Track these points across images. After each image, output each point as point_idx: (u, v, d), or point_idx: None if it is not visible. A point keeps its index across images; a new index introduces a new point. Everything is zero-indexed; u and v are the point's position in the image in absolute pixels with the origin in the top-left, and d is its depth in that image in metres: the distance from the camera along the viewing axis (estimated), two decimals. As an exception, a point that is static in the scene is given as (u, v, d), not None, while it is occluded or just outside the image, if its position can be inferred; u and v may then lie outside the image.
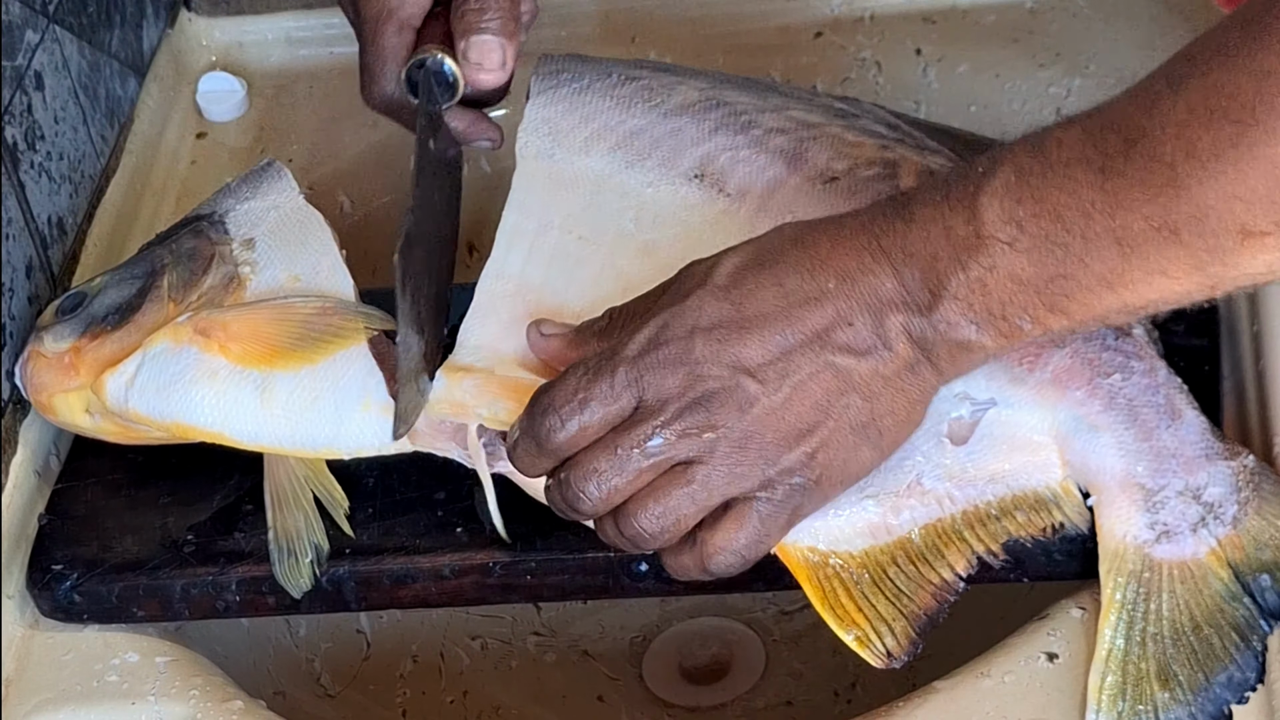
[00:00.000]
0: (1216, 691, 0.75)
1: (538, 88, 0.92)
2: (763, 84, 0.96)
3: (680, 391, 0.73)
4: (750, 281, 0.74)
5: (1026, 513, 0.80)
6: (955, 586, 0.79)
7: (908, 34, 1.16)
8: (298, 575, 0.83)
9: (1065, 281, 0.69)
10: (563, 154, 0.91)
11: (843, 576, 0.78)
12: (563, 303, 0.85)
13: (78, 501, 0.90)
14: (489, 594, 0.84)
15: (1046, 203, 0.68)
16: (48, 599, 0.85)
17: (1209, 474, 0.78)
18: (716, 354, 0.73)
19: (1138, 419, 0.80)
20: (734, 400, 0.73)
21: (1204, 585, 0.77)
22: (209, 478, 0.88)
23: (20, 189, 0.94)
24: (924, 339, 0.73)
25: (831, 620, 0.78)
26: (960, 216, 0.70)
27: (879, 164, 0.89)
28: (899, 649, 0.77)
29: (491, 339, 0.84)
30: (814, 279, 0.73)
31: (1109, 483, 0.79)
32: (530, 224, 0.88)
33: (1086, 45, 1.13)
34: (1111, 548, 0.78)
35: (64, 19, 1.02)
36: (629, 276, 0.85)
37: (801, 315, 0.73)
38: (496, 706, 1.05)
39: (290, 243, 0.91)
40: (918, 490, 0.80)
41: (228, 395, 0.84)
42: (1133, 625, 0.76)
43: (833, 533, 0.79)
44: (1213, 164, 0.65)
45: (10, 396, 0.90)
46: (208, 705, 0.82)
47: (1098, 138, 0.68)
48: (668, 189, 0.89)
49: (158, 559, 0.85)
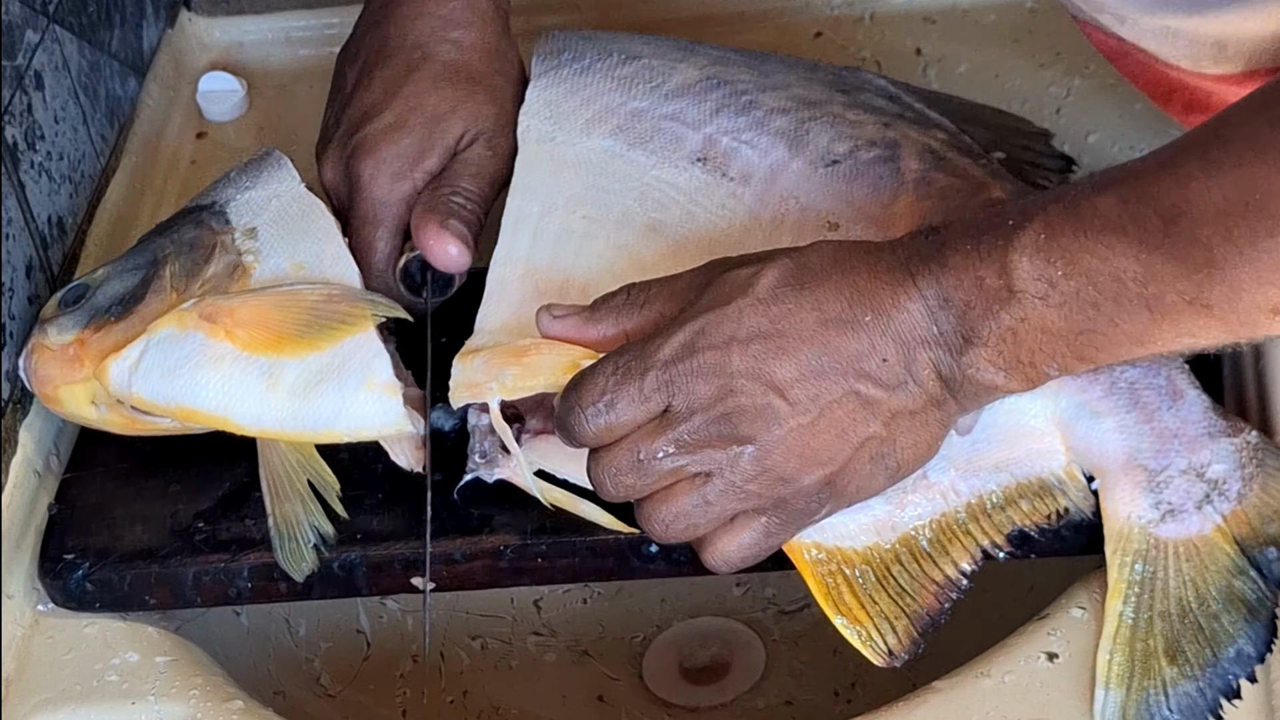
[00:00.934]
0: (1225, 666, 0.75)
1: (539, 68, 0.93)
2: (764, 58, 0.96)
3: (711, 402, 0.73)
4: (790, 300, 0.74)
5: (1031, 500, 0.80)
6: (958, 584, 0.79)
7: (908, 34, 1.16)
8: (300, 559, 0.83)
9: (1095, 335, 0.71)
10: (565, 136, 0.91)
11: (847, 573, 0.78)
12: (569, 279, 0.85)
13: (87, 491, 0.90)
14: (500, 578, 0.84)
15: (1079, 265, 0.70)
16: (60, 589, 0.86)
17: (1212, 451, 0.79)
18: (752, 369, 0.73)
19: (1139, 401, 0.80)
20: (762, 418, 0.73)
21: (1210, 561, 0.77)
22: (218, 465, 0.88)
23: (20, 189, 0.94)
24: (952, 377, 0.73)
25: (834, 616, 0.78)
26: (991, 269, 0.71)
27: (880, 144, 0.89)
28: (900, 647, 0.77)
29: (505, 323, 0.84)
30: (852, 308, 0.73)
31: (1112, 466, 0.80)
32: (534, 207, 0.88)
33: (1086, 45, 1.12)
34: (1117, 529, 0.79)
35: (64, 19, 1.02)
36: (636, 252, 0.86)
37: (837, 343, 0.73)
38: (496, 706, 1.05)
39: (293, 230, 0.91)
40: (923, 483, 0.80)
41: (234, 380, 0.84)
42: (1140, 604, 0.77)
43: (838, 529, 0.79)
44: (1249, 251, 0.66)
45: (10, 396, 0.90)
46: (208, 705, 0.82)
47: (1135, 211, 0.69)
48: (671, 172, 0.89)
49: (169, 547, 0.85)
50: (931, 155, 0.90)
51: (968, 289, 0.72)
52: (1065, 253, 0.70)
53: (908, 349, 0.73)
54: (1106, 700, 0.76)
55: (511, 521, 0.83)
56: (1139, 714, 0.75)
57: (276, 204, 0.92)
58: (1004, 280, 0.71)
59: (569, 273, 0.86)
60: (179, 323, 0.86)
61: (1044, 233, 0.70)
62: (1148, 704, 0.75)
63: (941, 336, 0.73)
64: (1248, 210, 0.66)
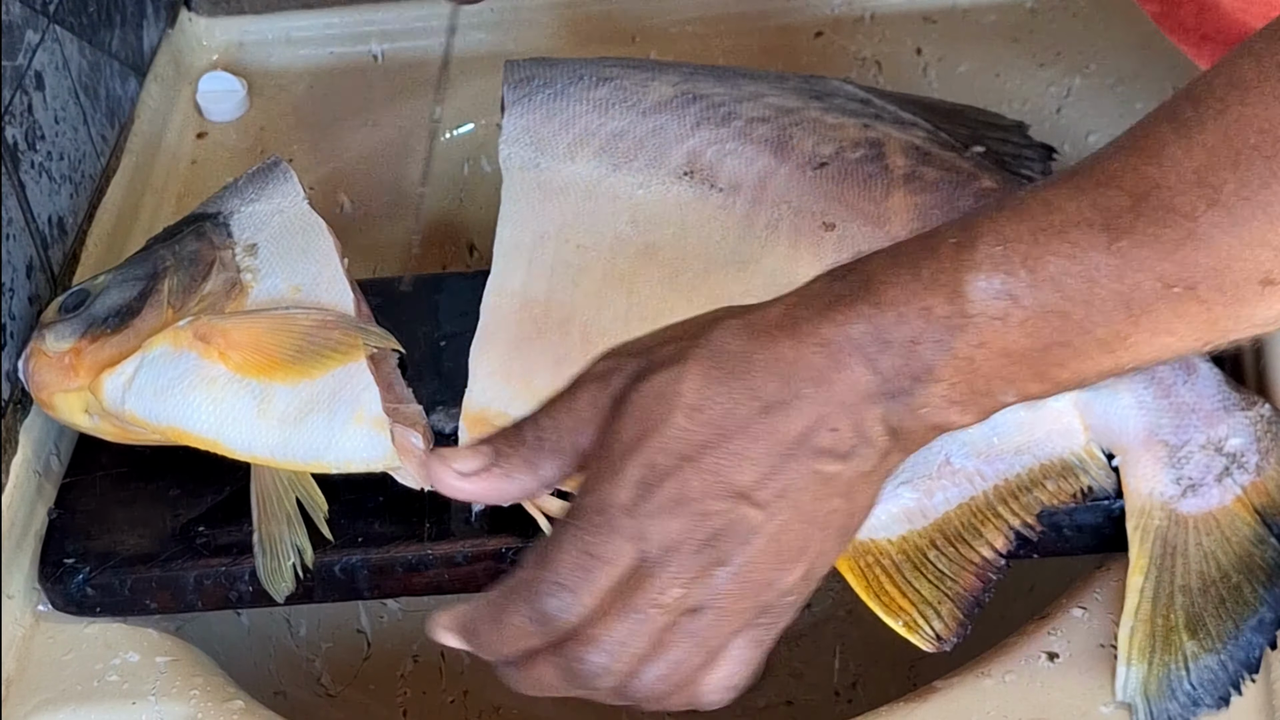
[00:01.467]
0: (1248, 636, 0.75)
1: (511, 96, 0.92)
2: (733, 72, 0.96)
3: (685, 536, 0.65)
4: (724, 397, 0.66)
5: (1055, 480, 0.81)
6: (997, 564, 0.79)
7: (908, 34, 1.16)
8: (279, 579, 0.83)
9: (1061, 349, 0.65)
10: (548, 162, 0.90)
11: (884, 564, 0.79)
12: (570, 314, 0.85)
13: (87, 495, 0.90)
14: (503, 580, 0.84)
15: (1042, 272, 0.63)
16: (60, 593, 0.86)
17: (1229, 426, 0.80)
18: (713, 486, 0.65)
19: (1155, 376, 0.81)
20: (738, 533, 0.66)
21: (1231, 532, 0.78)
22: (217, 469, 0.88)
23: (20, 189, 0.94)
24: (902, 427, 0.67)
25: (878, 608, 0.78)
26: (939, 295, 0.64)
27: (864, 144, 0.89)
28: (947, 631, 0.78)
29: (502, 364, 0.84)
30: (788, 384, 0.66)
31: (1132, 442, 0.80)
32: (526, 236, 0.88)
33: (1086, 45, 1.13)
34: (1138, 505, 0.79)
35: (64, 19, 1.02)
36: (633, 281, 0.85)
37: (785, 427, 0.66)
38: (496, 706, 1.05)
39: (293, 251, 0.90)
40: (948, 470, 0.80)
41: (225, 403, 0.84)
42: (1161, 579, 0.77)
43: (869, 522, 0.79)
44: (1240, 208, 0.61)
45: (10, 396, 0.90)
46: (208, 705, 0.82)
47: (1097, 197, 0.63)
48: (659, 189, 0.89)
49: (169, 551, 0.85)
50: (916, 151, 0.90)
51: (913, 322, 0.65)
52: (1026, 261, 0.63)
53: (854, 411, 0.66)
54: (1128, 676, 0.76)
55: (513, 524, 0.83)
56: (1160, 689, 0.75)
57: (279, 220, 0.92)
58: (957, 305, 0.64)
59: (568, 307, 0.85)
60: (174, 341, 0.86)
61: (997, 244, 0.64)
62: (1169, 679, 0.75)
63: (886, 384, 0.65)
64: (1238, 158, 0.60)
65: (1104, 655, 0.78)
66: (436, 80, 1.02)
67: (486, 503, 0.79)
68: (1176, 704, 0.75)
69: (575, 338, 0.84)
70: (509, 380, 0.83)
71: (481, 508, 0.84)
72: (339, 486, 0.86)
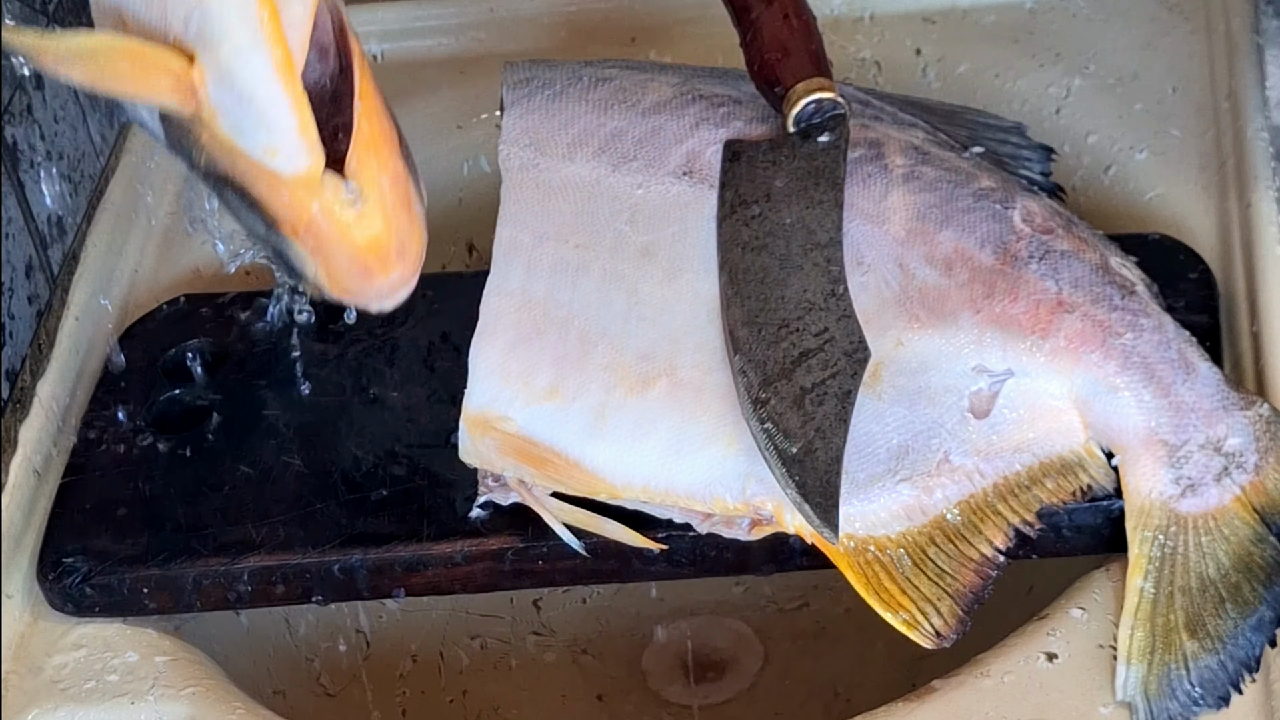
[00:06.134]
0: (1247, 636, 0.76)
1: (510, 98, 0.92)
2: (729, 73, 0.96)
3: None
4: None
5: (1055, 478, 0.81)
6: (996, 561, 0.79)
7: (908, 34, 1.16)
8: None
9: None
10: (547, 162, 0.90)
11: (883, 560, 0.79)
12: (570, 314, 0.85)
13: (86, 494, 0.90)
14: (502, 580, 0.84)
15: None
16: (59, 592, 0.86)
17: (1228, 425, 0.80)
18: None
19: (1154, 376, 0.81)
20: None
21: (1230, 532, 0.78)
22: (217, 469, 0.88)
23: (20, 189, 0.94)
24: None
25: (877, 605, 0.78)
26: None
27: (864, 144, 0.89)
28: (947, 628, 0.78)
29: (501, 363, 0.84)
30: None
31: (1132, 441, 0.80)
32: (525, 236, 0.88)
33: (1086, 45, 1.13)
34: (1138, 505, 0.79)
35: (64, 19, 1.02)
36: (633, 282, 0.85)
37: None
38: (496, 706, 1.05)
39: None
40: (947, 467, 0.80)
41: None
42: (1160, 579, 0.77)
43: (869, 518, 0.79)
44: None
45: (10, 396, 0.91)
46: (208, 705, 0.82)
47: None
48: (658, 189, 0.89)
49: (168, 551, 0.85)
50: (915, 151, 0.90)
51: None
52: None
53: None
54: (1128, 676, 0.76)
55: (513, 524, 0.83)
56: (1160, 689, 0.75)
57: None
58: None
59: (568, 308, 0.85)
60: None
61: None
62: (1169, 678, 0.75)
63: None
64: None
65: (1103, 656, 0.78)
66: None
67: None
68: (1176, 703, 0.75)
69: (575, 338, 0.84)
70: (508, 380, 0.83)
71: (481, 508, 0.84)
72: (339, 486, 0.86)
